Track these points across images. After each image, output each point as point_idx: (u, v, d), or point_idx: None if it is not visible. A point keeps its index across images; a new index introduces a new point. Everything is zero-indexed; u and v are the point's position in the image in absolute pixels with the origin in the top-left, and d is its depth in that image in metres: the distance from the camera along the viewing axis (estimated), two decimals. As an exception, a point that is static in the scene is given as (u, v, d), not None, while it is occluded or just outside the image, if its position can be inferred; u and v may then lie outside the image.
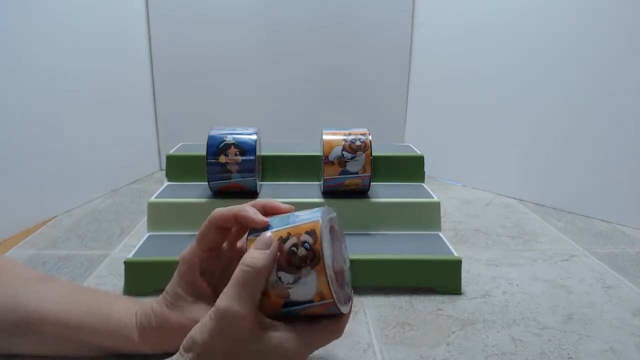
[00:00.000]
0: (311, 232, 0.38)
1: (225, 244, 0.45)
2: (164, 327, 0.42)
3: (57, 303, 0.45)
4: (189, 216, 0.67)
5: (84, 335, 0.44)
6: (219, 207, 0.44)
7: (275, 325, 0.38)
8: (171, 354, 0.38)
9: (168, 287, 0.43)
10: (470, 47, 1.01)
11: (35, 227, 0.81)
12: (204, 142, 0.66)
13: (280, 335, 0.37)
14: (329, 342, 0.40)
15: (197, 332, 0.37)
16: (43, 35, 0.82)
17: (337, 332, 0.40)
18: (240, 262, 0.37)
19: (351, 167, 0.67)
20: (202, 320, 0.37)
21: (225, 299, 0.36)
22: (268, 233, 0.39)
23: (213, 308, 0.37)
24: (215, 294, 0.44)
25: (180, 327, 0.41)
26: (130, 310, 0.44)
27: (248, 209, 0.41)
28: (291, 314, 0.39)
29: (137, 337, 0.43)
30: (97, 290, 0.55)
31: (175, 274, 0.43)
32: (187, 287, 0.42)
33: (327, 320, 0.40)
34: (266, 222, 0.40)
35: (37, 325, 0.44)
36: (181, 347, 0.38)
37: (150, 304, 0.44)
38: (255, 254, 0.37)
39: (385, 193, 0.71)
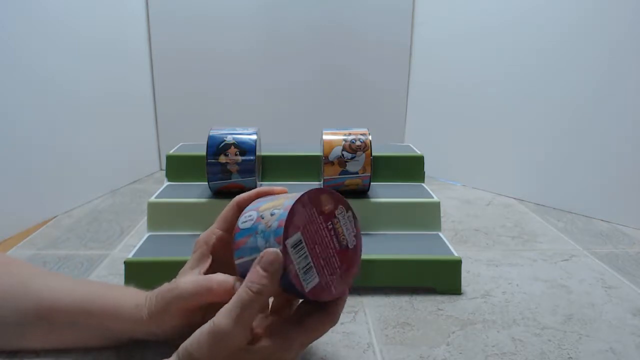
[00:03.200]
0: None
1: None
2: (168, 298, 0.43)
3: (68, 289, 0.46)
4: (189, 216, 0.67)
5: (95, 319, 0.44)
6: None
7: (268, 334, 0.39)
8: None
9: (181, 270, 0.46)
10: (470, 47, 1.01)
11: (35, 227, 0.81)
12: (204, 142, 0.66)
13: (272, 345, 0.38)
14: (325, 332, 0.41)
15: (194, 345, 0.37)
16: (43, 35, 0.82)
17: (332, 321, 0.41)
18: (247, 283, 0.37)
19: (351, 167, 0.67)
20: (198, 334, 0.38)
21: (225, 317, 0.37)
22: (273, 249, 0.37)
23: (211, 323, 0.37)
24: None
25: (179, 295, 0.42)
26: (141, 295, 0.45)
27: (263, 187, 0.47)
28: None
29: (146, 317, 0.43)
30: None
31: (190, 257, 0.46)
32: (196, 262, 0.45)
33: (318, 315, 0.40)
34: (284, 190, 0.45)
35: (49, 313, 0.44)
36: (175, 356, 0.38)
37: (162, 285, 0.45)
38: (262, 281, 0.37)
39: (385, 193, 0.71)
